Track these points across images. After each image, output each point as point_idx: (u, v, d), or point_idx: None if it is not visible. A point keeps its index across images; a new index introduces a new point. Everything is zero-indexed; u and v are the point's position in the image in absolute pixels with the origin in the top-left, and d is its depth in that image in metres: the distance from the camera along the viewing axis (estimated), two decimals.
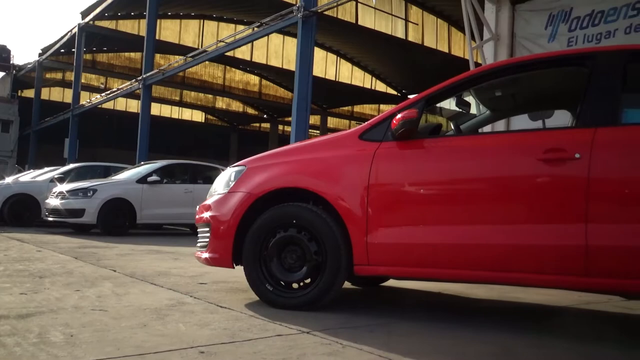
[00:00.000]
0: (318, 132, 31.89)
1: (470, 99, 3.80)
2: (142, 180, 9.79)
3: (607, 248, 2.53)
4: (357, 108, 34.71)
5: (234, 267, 3.34)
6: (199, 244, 3.58)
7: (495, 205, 2.81)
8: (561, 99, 3.80)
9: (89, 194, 9.29)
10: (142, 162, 12.17)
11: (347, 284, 3.90)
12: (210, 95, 32.92)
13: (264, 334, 2.51)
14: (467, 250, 2.80)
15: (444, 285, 4.36)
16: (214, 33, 26.61)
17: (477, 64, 7.35)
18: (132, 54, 28.27)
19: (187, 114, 36.20)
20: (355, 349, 2.31)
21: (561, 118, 3.98)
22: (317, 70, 24.24)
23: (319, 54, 25.95)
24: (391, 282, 4.37)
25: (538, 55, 4.18)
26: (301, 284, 3.14)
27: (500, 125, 5.96)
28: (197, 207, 3.70)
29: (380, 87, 31.04)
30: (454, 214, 2.88)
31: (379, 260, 2.95)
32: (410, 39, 24.34)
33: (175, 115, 35.38)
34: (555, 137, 2.80)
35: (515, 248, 2.71)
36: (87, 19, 22.79)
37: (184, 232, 11.52)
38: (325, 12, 12.81)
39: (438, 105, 3.37)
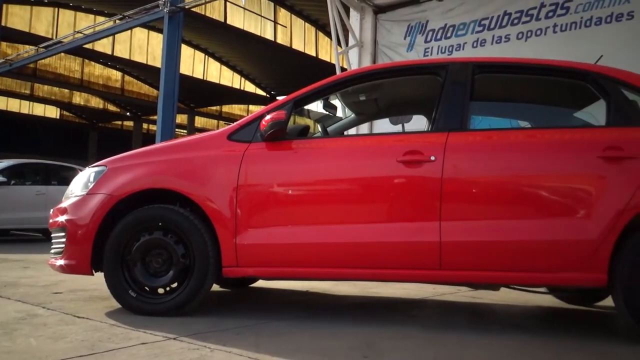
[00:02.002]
0: (185, 131, 31.02)
1: (336, 102, 3.94)
2: None
3: (457, 244, 2.78)
4: (226, 108, 34.30)
5: (93, 274, 3.14)
6: (53, 251, 3.32)
7: (359, 204, 2.95)
8: (418, 105, 4.07)
9: None
10: None
11: (215, 287, 3.85)
12: (66, 90, 30.52)
13: (126, 343, 2.39)
14: (332, 248, 2.91)
15: (311, 284, 4.47)
16: (70, 23, 24.69)
17: (342, 69, 7.63)
18: None
19: (40, 109, 33.22)
20: (224, 352, 2.29)
21: (419, 123, 4.27)
22: (185, 68, 23.64)
23: (186, 51, 25.21)
24: (260, 283, 4.39)
25: (398, 63, 4.45)
26: (167, 288, 3.04)
27: (364, 128, 6.24)
28: (51, 210, 3.43)
29: (250, 87, 30.97)
30: (320, 214, 2.97)
31: (248, 262, 2.95)
32: (279, 41, 24.60)
33: (25, 110, 32.29)
34: (413, 141, 3.00)
35: (376, 245, 2.86)
36: None
37: (36, 237, 10.59)
38: (193, 9, 12.52)
39: (306, 107, 3.45)
